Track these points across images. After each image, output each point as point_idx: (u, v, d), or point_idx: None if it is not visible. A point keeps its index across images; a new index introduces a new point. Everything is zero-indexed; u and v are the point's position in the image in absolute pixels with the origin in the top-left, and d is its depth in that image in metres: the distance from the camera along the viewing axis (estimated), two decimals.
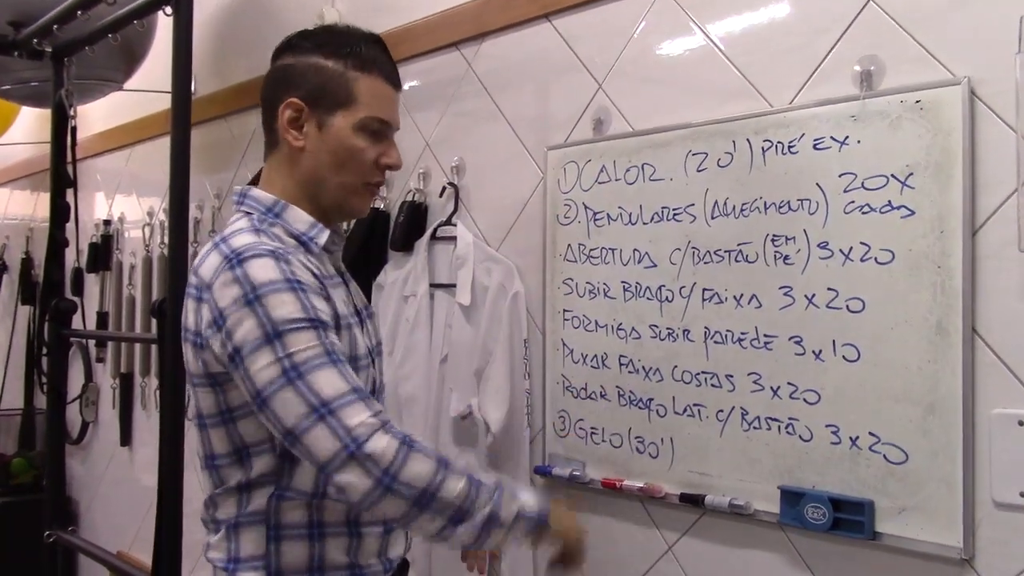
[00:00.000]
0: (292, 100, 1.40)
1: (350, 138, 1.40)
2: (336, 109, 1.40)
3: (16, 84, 2.94)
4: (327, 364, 1.26)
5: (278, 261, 1.29)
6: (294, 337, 1.25)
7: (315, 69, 1.41)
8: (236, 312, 1.27)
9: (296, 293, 1.28)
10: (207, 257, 1.35)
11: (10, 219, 4.54)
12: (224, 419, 1.37)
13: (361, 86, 1.40)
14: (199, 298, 1.33)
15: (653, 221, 1.73)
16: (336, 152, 1.40)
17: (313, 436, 1.23)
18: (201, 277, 1.33)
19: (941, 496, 1.36)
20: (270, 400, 1.25)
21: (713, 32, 1.68)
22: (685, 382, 1.68)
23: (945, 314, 1.35)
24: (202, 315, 1.32)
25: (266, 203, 1.42)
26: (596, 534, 1.86)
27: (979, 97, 1.34)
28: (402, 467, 1.23)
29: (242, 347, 1.26)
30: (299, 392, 1.23)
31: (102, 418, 3.64)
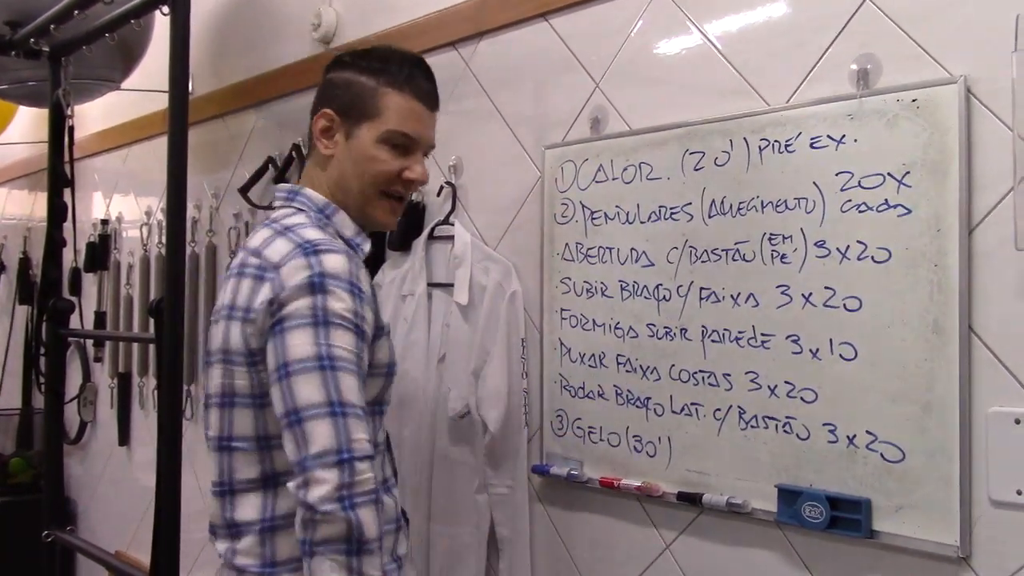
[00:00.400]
0: (326, 111, 1.50)
1: (371, 149, 1.48)
2: (363, 121, 1.48)
3: (13, 84, 2.94)
4: (355, 372, 1.31)
5: (350, 260, 1.37)
6: (340, 333, 1.31)
7: (349, 83, 1.50)
8: (298, 291, 1.32)
9: (354, 297, 1.34)
10: (272, 241, 1.39)
11: (8, 219, 4.54)
12: (256, 402, 1.39)
13: (389, 101, 1.48)
14: (260, 276, 1.36)
15: (650, 220, 1.73)
16: (358, 161, 1.48)
17: (318, 425, 1.26)
18: (267, 258, 1.37)
19: (938, 494, 1.36)
20: (295, 375, 1.28)
21: (710, 31, 1.68)
22: (683, 381, 1.68)
23: (942, 312, 1.35)
24: (260, 292, 1.35)
25: (318, 203, 1.49)
26: (594, 533, 1.86)
27: (975, 95, 1.34)
28: (364, 501, 1.25)
29: (288, 318, 1.31)
30: (325, 382, 1.28)
31: (100, 418, 3.64)
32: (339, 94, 1.50)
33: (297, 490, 1.26)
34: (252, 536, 1.39)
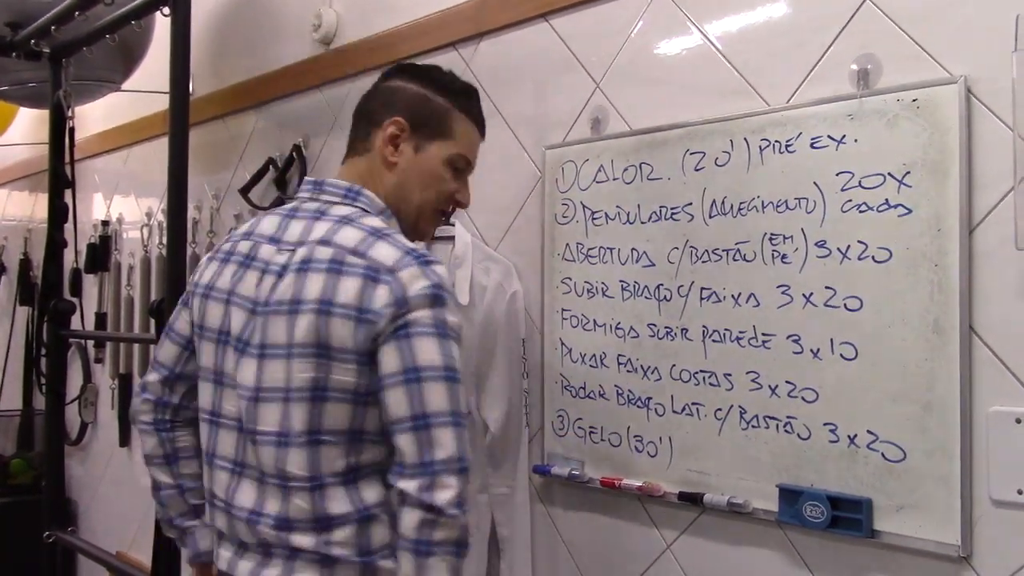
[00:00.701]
0: (397, 119, 1.52)
1: (439, 167, 1.54)
2: (434, 138, 1.53)
3: (14, 85, 2.94)
4: (460, 382, 1.38)
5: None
6: (454, 346, 1.38)
7: (423, 98, 1.54)
8: (422, 300, 1.36)
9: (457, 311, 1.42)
10: (373, 243, 1.40)
11: (8, 220, 4.54)
12: (357, 399, 1.39)
13: (460, 126, 1.56)
14: (372, 278, 1.37)
15: (651, 220, 1.73)
16: (423, 175, 1.53)
17: (445, 432, 1.33)
18: (376, 260, 1.38)
19: (939, 494, 1.36)
20: (425, 382, 1.34)
21: (710, 31, 1.68)
22: (683, 381, 1.68)
23: (942, 312, 1.35)
24: (378, 294, 1.36)
25: (379, 207, 1.52)
26: (595, 533, 1.86)
27: (976, 95, 1.34)
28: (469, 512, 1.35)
29: (414, 324, 1.35)
30: (449, 393, 1.35)
31: (101, 419, 3.64)
32: (411, 106, 1.53)
33: (420, 492, 1.31)
34: (349, 527, 1.40)
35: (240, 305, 1.46)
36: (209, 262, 1.55)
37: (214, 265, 1.53)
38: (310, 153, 2.58)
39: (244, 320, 1.45)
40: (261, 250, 1.48)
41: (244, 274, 1.47)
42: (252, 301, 1.44)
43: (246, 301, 1.45)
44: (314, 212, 1.48)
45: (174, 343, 1.59)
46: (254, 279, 1.46)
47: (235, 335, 1.45)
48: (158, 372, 1.61)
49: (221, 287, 1.49)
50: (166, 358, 1.60)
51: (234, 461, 1.46)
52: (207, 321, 1.50)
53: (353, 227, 1.43)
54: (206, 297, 1.51)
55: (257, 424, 1.41)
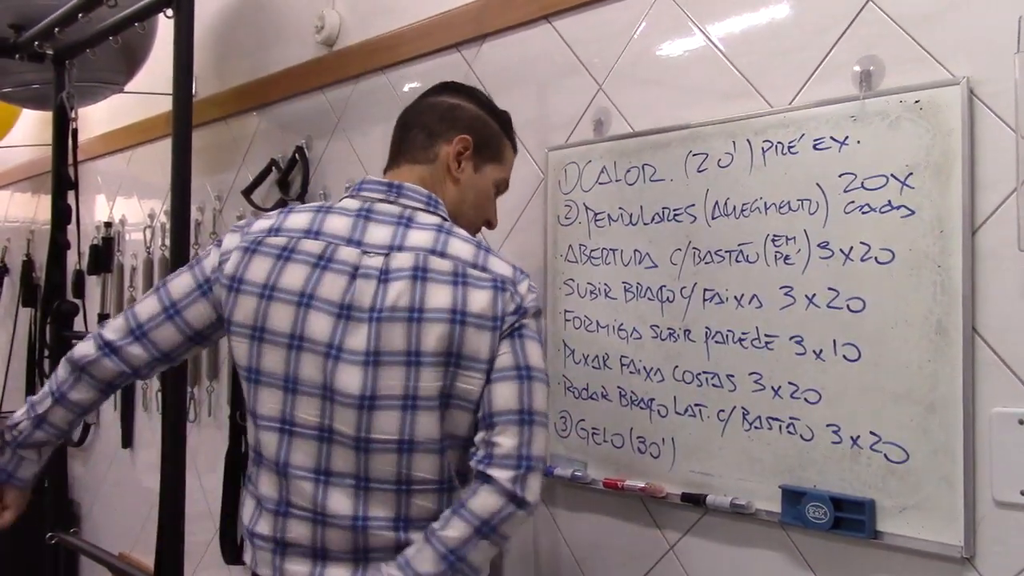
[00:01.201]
0: (466, 138, 1.58)
1: (490, 188, 1.63)
2: (491, 161, 1.62)
3: (17, 87, 2.95)
4: None
5: None
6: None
7: (484, 122, 1.62)
8: (534, 312, 1.47)
9: None
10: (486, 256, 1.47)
11: (11, 221, 4.55)
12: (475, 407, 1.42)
13: (507, 153, 1.67)
14: (501, 289, 1.43)
15: (654, 221, 1.73)
16: (478, 194, 1.61)
17: (540, 433, 1.40)
18: (498, 273, 1.45)
19: (942, 495, 1.36)
20: (535, 380, 1.42)
21: (713, 33, 1.68)
22: (686, 382, 1.68)
23: (945, 313, 1.36)
24: (507, 303, 1.43)
25: (444, 215, 1.55)
26: (598, 534, 1.86)
27: (978, 97, 1.34)
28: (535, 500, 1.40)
29: (526, 327, 1.44)
30: (545, 393, 1.43)
31: (104, 420, 3.64)
32: (474, 127, 1.59)
33: (512, 483, 1.36)
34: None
35: (322, 308, 1.40)
36: (251, 255, 1.45)
37: (263, 261, 1.44)
38: (312, 155, 2.58)
39: (331, 324, 1.40)
40: (340, 252, 1.43)
41: (322, 276, 1.41)
42: (339, 305, 1.40)
43: (330, 305, 1.40)
44: (397, 217, 1.48)
45: (178, 330, 1.53)
46: (341, 282, 1.41)
47: (319, 340, 1.40)
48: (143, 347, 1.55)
49: (289, 287, 1.42)
50: (161, 339, 1.54)
51: (316, 470, 1.41)
52: (269, 323, 1.42)
53: (458, 239, 1.48)
54: (263, 296, 1.43)
55: (371, 432, 1.39)
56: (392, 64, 2.31)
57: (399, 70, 2.31)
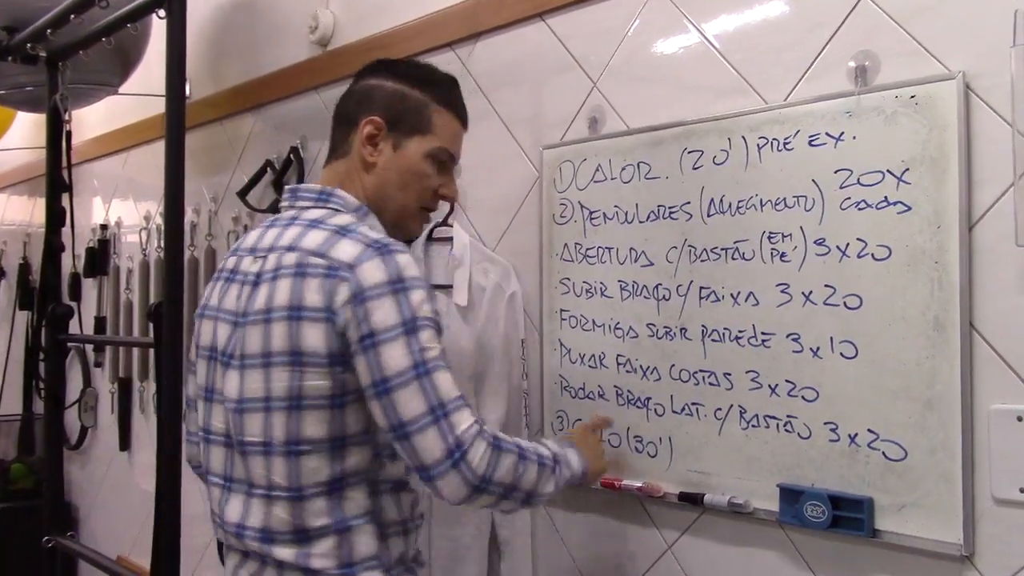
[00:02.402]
0: (374, 118, 1.50)
1: (420, 163, 1.51)
2: (413, 134, 1.51)
3: (11, 89, 2.93)
4: (445, 367, 1.34)
5: (415, 261, 1.40)
6: (427, 334, 1.33)
7: (400, 95, 1.52)
8: (381, 296, 1.33)
9: (429, 293, 1.37)
10: (336, 242, 1.38)
11: (7, 224, 4.54)
12: (334, 403, 1.37)
13: (439, 119, 1.52)
14: (332, 275, 1.35)
15: (649, 219, 1.73)
16: (404, 173, 1.51)
17: (424, 438, 1.31)
18: (336, 258, 1.36)
19: (940, 493, 1.35)
20: (396, 390, 1.31)
21: (707, 29, 1.67)
22: (683, 381, 1.67)
23: (943, 309, 1.35)
24: (337, 290, 1.34)
25: (352, 205, 1.49)
26: (595, 534, 1.85)
27: (974, 91, 1.33)
28: (494, 471, 1.34)
29: (379, 332, 1.32)
30: (424, 389, 1.31)
31: (101, 423, 3.64)
32: (388, 103, 1.51)
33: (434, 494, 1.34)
34: (329, 538, 1.38)
35: (225, 319, 1.46)
36: (212, 283, 1.55)
37: (211, 286, 1.54)
38: (308, 155, 2.57)
39: (228, 334, 1.44)
40: (242, 263, 1.48)
41: (228, 288, 1.48)
42: (234, 314, 1.44)
43: (229, 315, 1.45)
44: (288, 219, 1.47)
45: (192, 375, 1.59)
46: (235, 292, 1.46)
47: (221, 349, 1.45)
48: None
49: (212, 305, 1.50)
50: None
51: (223, 476, 1.46)
52: (201, 340, 1.51)
53: (319, 229, 1.42)
54: (201, 317, 1.53)
55: (244, 435, 1.41)
56: None
57: None
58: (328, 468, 1.37)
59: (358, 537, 1.38)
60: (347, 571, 1.37)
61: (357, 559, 1.38)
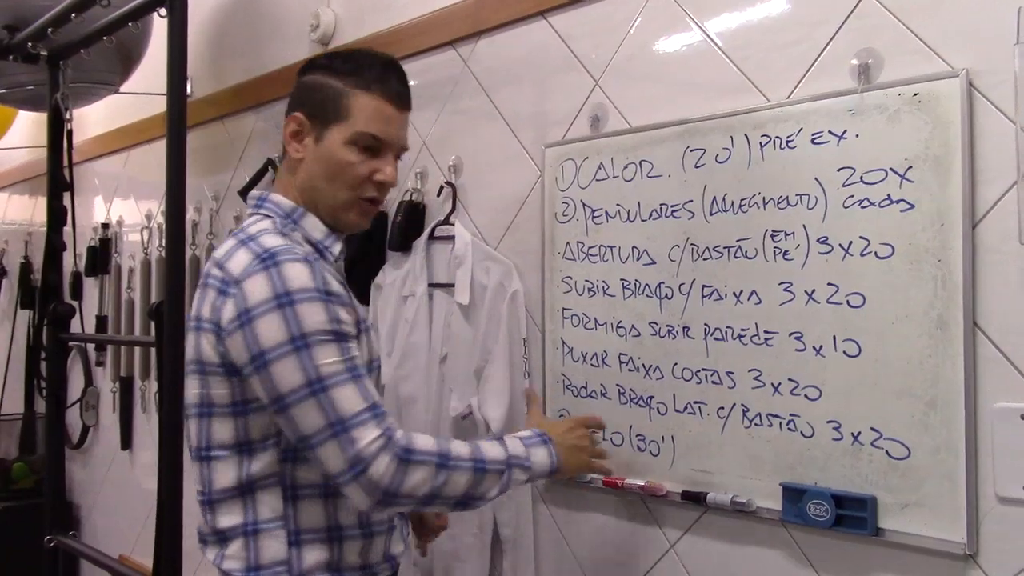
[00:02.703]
0: (295, 114, 1.48)
1: (340, 151, 1.45)
2: (332, 123, 1.46)
3: (12, 88, 2.93)
4: (348, 380, 1.30)
5: (311, 267, 1.34)
6: (321, 349, 1.29)
7: (320, 86, 1.48)
8: (266, 313, 1.30)
9: (326, 304, 1.32)
10: (234, 253, 1.38)
11: (9, 224, 4.54)
12: (236, 410, 1.38)
13: (358, 102, 1.45)
14: (223, 291, 1.35)
15: (651, 218, 1.72)
16: (327, 164, 1.45)
17: (325, 451, 1.30)
18: (229, 271, 1.36)
19: (944, 491, 1.35)
20: (291, 407, 1.30)
21: (709, 27, 1.67)
22: (685, 379, 1.67)
23: (946, 308, 1.34)
24: (225, 308, 1.34)
25: (285, 208, 1.47)
26: (598, 533, 1.85)
27: (977, 89, 1.33)
28: (400, 484, 1.30)
29: (268, 351, 1.29)
30: (320, 405, 1.28)
31: (103, 422, 3.64)
32: (308, 97, 1.48)
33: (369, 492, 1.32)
34: (238, 540, 1.40)
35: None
36: None
37: None
38: None
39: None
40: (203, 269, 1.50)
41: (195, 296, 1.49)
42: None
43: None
44: (240, 227, 1.48)
45: None
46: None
47: None
48: None
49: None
50: None
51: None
52: None
53: (234, 237, 1.43)
54: None
55: (189, 440, 1.46)
56: None
57: None
58: (235, 472, 1.39)
59: (266, 541, 1.38)
60: (253, 574, 1.38)
61: (264, 563, 1.38)
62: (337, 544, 1.41)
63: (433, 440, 1.36)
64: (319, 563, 1.39)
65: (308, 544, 1.39)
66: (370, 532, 1.45)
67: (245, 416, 1.38)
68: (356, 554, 1.43)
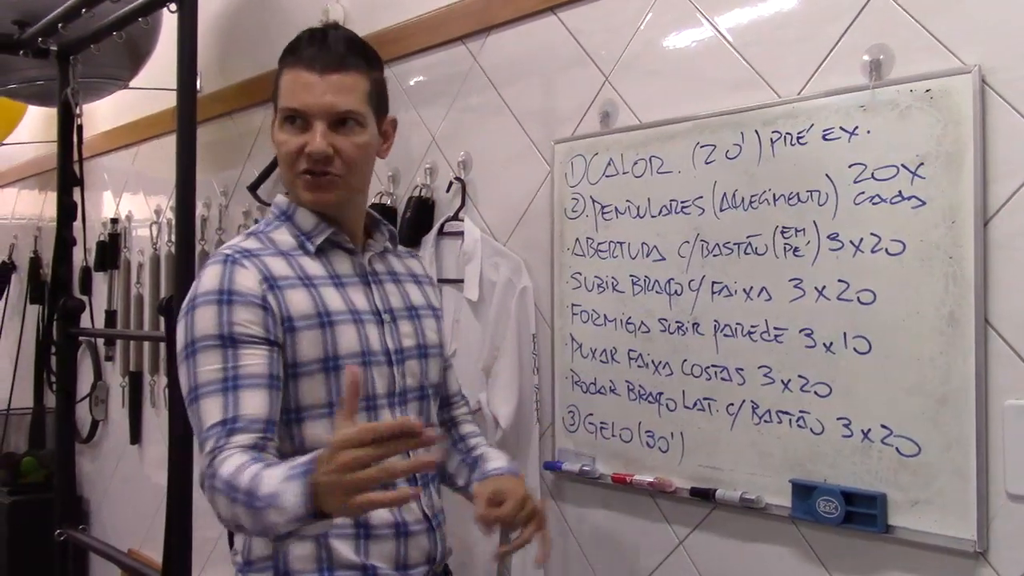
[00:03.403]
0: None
1: (276, 134, 1.45)
2: (276, 109, 1.47)
3: (22, 83, 2.95)
4: (216, 391, 1.32)
5: (225, 266, 1.37)
6: (204, 356, 1.34)
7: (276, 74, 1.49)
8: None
9: (220, 307, 1.34)
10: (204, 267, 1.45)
11: (19, 218, 4.55)
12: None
13: (283, 81, 1.45)
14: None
15: (661, 214, 1.72)
16: (277, 148, 1.47)
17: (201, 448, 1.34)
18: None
19: (954, 488, 1.34)
20: (187, 408, 1.36)
21: (720, 23, 1.66)
22: (695, 376, 1.67)
23: (957, 305, 1.34)
24: None
25: (281, 207, 1.50)
26: (607, 529, 1.85)
27: (990, 85, 1.32)
28: (213, 505, 1.29)
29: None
30: (194, 413, 1.35)
31: (112, 416, 3.65)
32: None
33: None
34: (240, 535, 1.43)
35: None
36: None
37: None
38: None
39: None
40: None
41: None
42: None
43: None
44: None
45: None
46: None
47: None
48: None
49: None
50: None
51: None
52: None
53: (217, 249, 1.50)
54: None
55: None
56: (397, 58, 2.29)
57: (404, 64, 2.29)
58: None
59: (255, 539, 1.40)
60: (244, 570, 1.41)
61: (254, 558, 1.40)
62: (323, 539, 1.38)
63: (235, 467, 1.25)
64: (306, 559, 1.38)
65: (295, 542, 1.37)
66: (367, 533, 1.41)
67: None
68: (351, 552, 1.40)
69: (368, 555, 1.41)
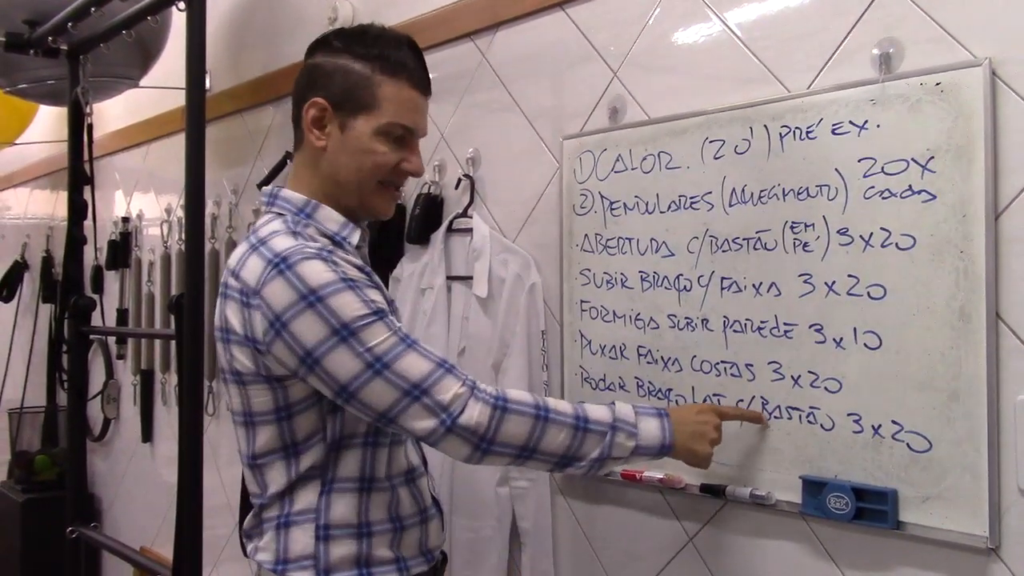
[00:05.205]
0: (316, 100, 1.42)
1: (370, 142, 1.42)
2: (359, 113, 1.41)
3: (33, 83, 2.96)
4: (406, 350, 1.30)
5: (326, 262, 1.32)
6: (368, 332, 1.29)
7: (343, 71, 1.42)
8: (298, 315, 1.28)
9: (355, 291, 1.31)
10: (246, 260, 1.36)
11: (31, 218, 4.57)
12: (279, 416, 1.39)
13: (386, 91, 1.41)
14: (246, 303, 1.34)
15: (670, 210, 1.71)
16: (355, 155, 1.42)
17: (408, 417, 1.29)
18: (245, 282, 1.34)
19: (966, 484, 1.34)
20: (359, 392, 1.29)
21: (729, 17, 1.66)
22: (704, 372, 1.66)
23: (968, 299, 1.33)
24: (253, 321, 1.33)
25: (297, 203, 1.44)
26: (616, 526, 1.85)
27: (1000, 78, 1.31)
28: (497, 431, 1.30)
29: (315, 350, 1.29)
30: (388, 380, 1.28)
31: (124, 414, 3.66)
32: (330, 82, 1.43)
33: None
34: (270, 532, 1.42)
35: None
36: None
37: None
38: None
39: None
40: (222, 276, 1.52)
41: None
42: None
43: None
44: (253, 228, 1.46)
45: None
46: None
47: None
48: None
49: None
50: None
51: None
52: None
53: (245, 241, 1.41)
54: None
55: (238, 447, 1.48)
56: None
57: None
58: (285, 474, 1.40)
59: (295, 535, 1.39)
60: (281, 567, 1.39)
61: (292, 556, 1.39)
62: (367, 539, 1.41)
63: (529, 393, 1.37)
64: (346, 558, 1.40)
65: (336, 540, 1.39)
66: (401, 526, 1.45)
67: (289, 420, 1.38)
68: (386, 547, 1.43)
69: (400, 547, 1.45)
